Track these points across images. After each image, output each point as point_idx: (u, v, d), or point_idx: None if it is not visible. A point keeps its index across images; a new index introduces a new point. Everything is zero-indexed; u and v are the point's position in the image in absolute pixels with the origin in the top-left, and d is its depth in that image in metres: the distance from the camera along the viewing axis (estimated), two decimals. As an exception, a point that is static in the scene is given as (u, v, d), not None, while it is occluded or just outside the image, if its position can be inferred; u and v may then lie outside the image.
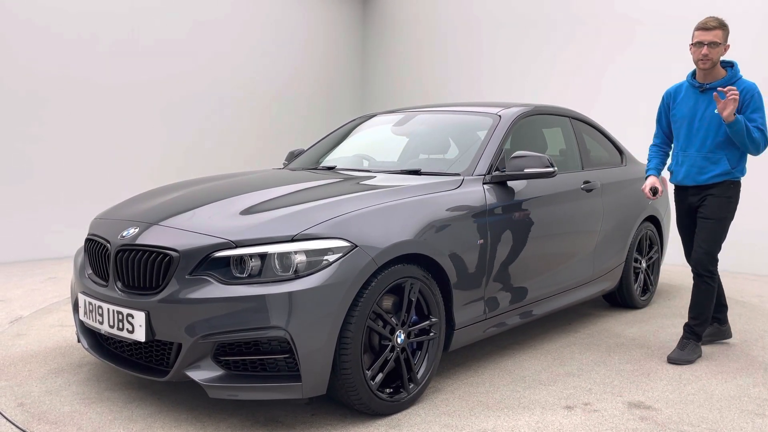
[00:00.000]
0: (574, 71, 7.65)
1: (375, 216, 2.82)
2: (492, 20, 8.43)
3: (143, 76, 7.52)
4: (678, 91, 3.74)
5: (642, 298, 4.89)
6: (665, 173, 3.98)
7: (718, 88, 3.37)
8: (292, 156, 4.63)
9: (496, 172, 3.48)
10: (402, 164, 3.93)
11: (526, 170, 3.40)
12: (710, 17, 3.51)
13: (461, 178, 3.39)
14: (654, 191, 3.75)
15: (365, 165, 4.08)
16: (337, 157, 4.24)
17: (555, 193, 3.86)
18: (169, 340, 2.61)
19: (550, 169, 3.40)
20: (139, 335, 2.64)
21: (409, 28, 9.47)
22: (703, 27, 3.47)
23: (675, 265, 6.21)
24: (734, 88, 3.32)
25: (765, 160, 6.15)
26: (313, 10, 9.30)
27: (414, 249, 2.87)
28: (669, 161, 3.88)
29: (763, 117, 3.49)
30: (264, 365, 2.59)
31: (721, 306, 3.92)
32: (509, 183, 3.54)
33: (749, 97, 3.47)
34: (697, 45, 3.49)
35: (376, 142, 4.48)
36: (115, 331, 2.75)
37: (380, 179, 3.45)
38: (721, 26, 3.46)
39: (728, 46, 3.51)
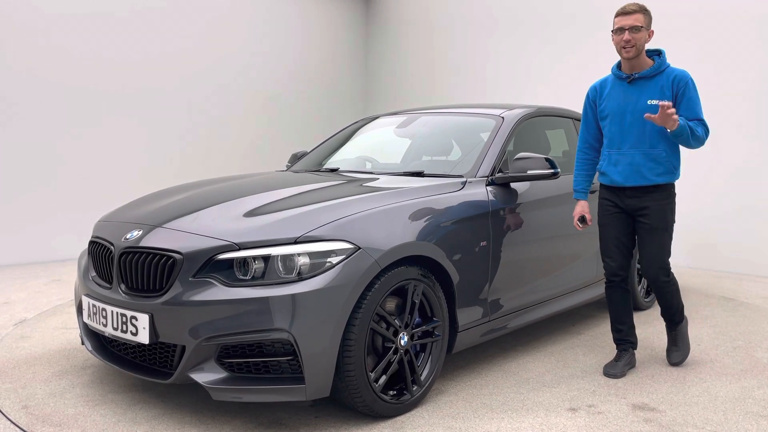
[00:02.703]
0: (578, 71, 7.64)
1: (378, 218, 2.82)
2: (495, 21, 8.43)
3: (144, 78, 7.54)
4: (603, 85, 3.43)
5: (646, 300, 4.88)
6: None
7: (653, 101, 3.17)
8: (295, 158, 4.64)
9: (499, 173, 3.48)
10: (405, 166, 3.94)
11: (529, 172, 3.40)
12: (630, 2, 3.28)
13: (464, 179, 3.39)
14: (582, 220, 3.53)
15: (368, 167, 4.08)
16: (340, 159, 4.24)
17: (558, 194, 3.86)
18: (172, 342, 2.62)
19: (553, 171, 3.40)
20: (143, 337, 2.64)
21: (412, 29, 9.48)
22: (622, 12, 3.24)
23: (678, 266, 6.20)
24: (668, 103, 3.02)
25: (769, 161, 6.16)
26: (315, 11, 9.31)
27: (417, 251, 2.87)
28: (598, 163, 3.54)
29: (698, 107, 3.24)
30: (267, 367, 2.59)
31: (634, 327, 3.60)
32: (512, 185, 3.53)
33: (683, 85, 3.21)
34: (617, 32, 3.24)
35: (379, 144, 4.49)
36: (118, 334, 2.76)
37: (383, 181, 3.45)
38: (642, 10, 3.22)
39: (652, 32, 3.27)
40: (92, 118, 7.14)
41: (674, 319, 3.63)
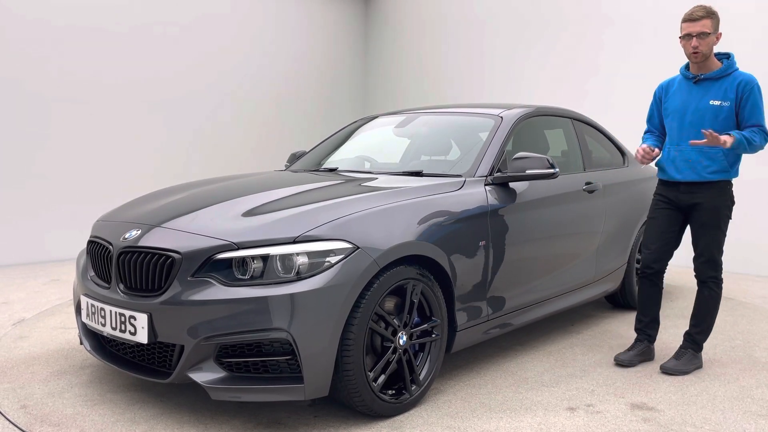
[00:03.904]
0: (578, 72, 7.65)
1: (377, 217, 2.82)
2: (495, 20, 8.44)
3: (143, 77, 7.53)
4: (671, 84, 3.53)
5: (644, 300, 4.87)
6: (653, 168, 3.82)
7: (714, 102, 3.29)
8: (294, 157, 4.64)
9: (498, 173, 3.48)
10: (404, 166, 3.94)
11: (528, 171, 3.40)
12: (696, 6, 3.29)
13: (463, 179, 3.39)
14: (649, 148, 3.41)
15: (367, 166, 4.08)
16: (338, 159, 4.24)
17: (557, 194, 3.85)
18: (171, 342, 2.62)
19: (552, 171, 3.40)
20: (142, 337, 2.64)
21: (411, 29, 9.48)
22: (689, 18, 3.26)
23: (678, 266, 6.19)
24: (710, 131, 3.13)
25: None
26: (314, 10, 9.31)
27: (416, 250, 2.87)
28: (659, 157, 3.59)
29: (761, 114, 3.27)
30: (266, 367, 2.59)
31: (656, 322, 3.69)
32: (511, 184, 3.53)
33: (748, 90, 3.26)
34: (685, 38, 3.29)
35: (377, 144, 4.48)
36: (117, 333, 2.75)
37: (382, 181, 3.45)
38: (709, 15, 3.24)
39: (720, 34, 3.31)
40: (92, 119, 7.13)
41: (696, 337, 3.54)
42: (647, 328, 3.67)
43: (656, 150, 3.45)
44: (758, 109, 3.28)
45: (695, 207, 3.42)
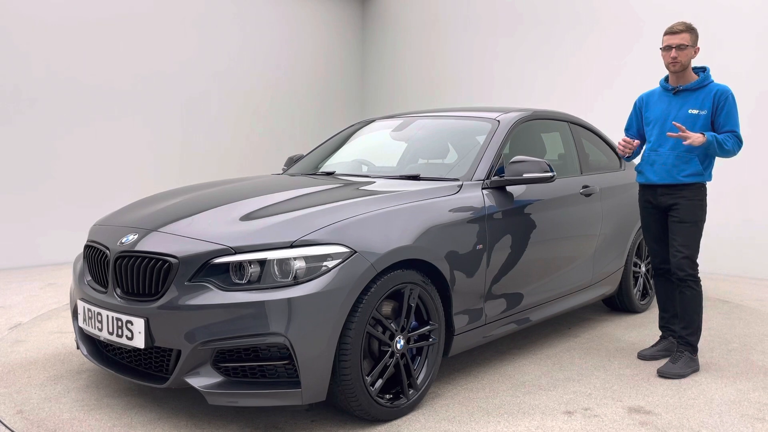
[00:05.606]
0: (577, 74, 7.66)
1: (374, 221, 2.82)
2: (493, 23, 8.44)
3: (139, 80, 7.52)
4: (651, 95, 3.74)
5: (641, 303, 4.89)
6: (633, 174, 3.96)
7: (693, 111, 3.48)
8: (291, 161, 4.64)
9: (495, 177, 3.49)
10: (401, 169, 3.94)
11: (525, 175, 3.41)
12: (677, 22, 3.55)
13: (460, 183, 3.39)
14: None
15: (364, 170, 4.08)
16: (336, 163, 4.24)
17: (554, 197, 3.86)
18: (168, 346, 2.61)
19: (549, 174, 3.41)
20: (139, 342, 2.64)
21: (409, 31, 9.48)
22: (670, 31, 3.51)
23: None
24: (679, 125, 3.36)
25: (764, 166, 6.18)
26: (311, 12, 9.31)
27: (413, 254, 2.87)
28: (637, 160, 3.85)
29: (735, 121, 3.49)
30: (263, 372, 2.59)
31: (677, 317, 3.71)
32: (508, 188, 3.54)
33: (723, 99, 3.47)
34: (666, 49, 3.52)
35: (375, 148, 4.49)
36: (114, 338, 2.75)
37: (379, 184, 3.45)
38: (689, 29, 3.49)
39: (698, 48, 3.54)
40: (89, 123, 7.12)
41: (688, 338, 3.57)
42: (670, 324, 3.81)
43: (636, 141, 3.65)
44: (732, 116, 3.50)
45: (672, 207, 3.60)
